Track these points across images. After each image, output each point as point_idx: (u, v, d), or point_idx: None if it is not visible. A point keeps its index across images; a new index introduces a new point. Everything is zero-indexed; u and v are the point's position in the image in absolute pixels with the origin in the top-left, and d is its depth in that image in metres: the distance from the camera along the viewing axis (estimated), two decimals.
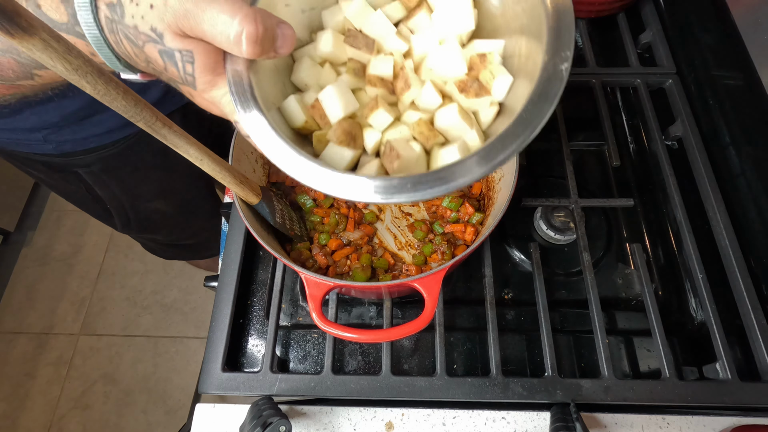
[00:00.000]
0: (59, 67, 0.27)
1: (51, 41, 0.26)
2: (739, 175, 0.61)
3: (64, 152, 0.72)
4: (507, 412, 0.53)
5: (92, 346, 1.61)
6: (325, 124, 0.44)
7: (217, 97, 0.37)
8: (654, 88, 0.71)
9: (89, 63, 0.28)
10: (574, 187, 0.62)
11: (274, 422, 0.45)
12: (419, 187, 0.34)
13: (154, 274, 1.72)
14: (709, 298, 0.54)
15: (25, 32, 0.24)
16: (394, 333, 0.43)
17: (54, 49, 0.26)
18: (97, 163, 0.76)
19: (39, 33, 0.25)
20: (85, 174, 0.78)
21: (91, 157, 0.75)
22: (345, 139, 0.42)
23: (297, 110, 0.44)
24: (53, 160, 0.74)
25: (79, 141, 0.72)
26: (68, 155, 0.73)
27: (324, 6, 0.49)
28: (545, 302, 0.54)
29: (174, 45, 0.33)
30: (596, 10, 0.74)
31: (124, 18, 0.33)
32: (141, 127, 0.35)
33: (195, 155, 0.41)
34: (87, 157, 0.75)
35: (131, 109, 0.33)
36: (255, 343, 0.60)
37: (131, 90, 0.32)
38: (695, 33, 0.70)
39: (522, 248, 0.64)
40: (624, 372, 0.57)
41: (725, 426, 0.52)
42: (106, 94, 0.31)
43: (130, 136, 0.76)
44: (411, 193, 0.34)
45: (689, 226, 0.58)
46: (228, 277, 0.58)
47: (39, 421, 1.50)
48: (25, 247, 1.78)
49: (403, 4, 0.49)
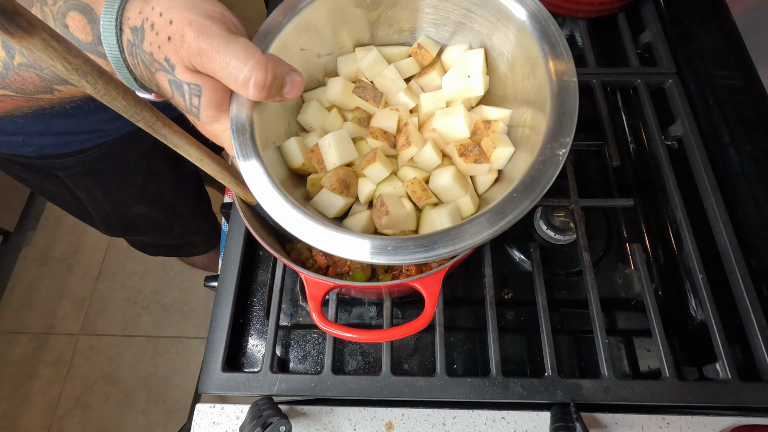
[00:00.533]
0: (59, 66, 0.27)
1: (51, 41, 0.26)
2: (739, 175, 0.61)
3: (44, 155, 0.72)
4: (507, 412, 0.53)
5: (92, 346, 1.61)
6: (322, 168, 0.45)
7: (218, 131, 0.39)
8: (654, 88, 0.71)
9: (89, 63, 0.29)
10: (574, 187, 0.62)
11: (274, 422, 0.45)
12: (399, 251, 0.35)
13: (154, 274, 1.72)
14: (709, 298, 0.54)
15: (26, 32, 0.24)
16: (394, 333, 0.43)
17: (54, 49, 0.26)
18: (77, 166, 0.76)
19: (39, 33, 0.25)
20: (65, 177, 0.78)
21: (72, 160, 0.74)
22: (338, 187, 0.43)
23: (296, 152, 0.45)
24: (33, 162, 0.73)
25: (59, 145, 0.71)
26: (48, 158, 0.73)
27: (341, 52, 0.50)
28: (545, 302, 0.54)
29: (184, 78, 0.34)
30: (596, 10, 0.74)
31: (143, 44, 0.34)
32: (141, 126, 0.35)
33: (195, 155, 0.41)
34: (67, 160, 0.74)
35: (131, 108, 0.33)
36: (255, 343, 0.60)
37: (131, 90, 0.33)
38: (695, 33, 0.70)
39: (522, 248, 0.64)
40: (624, 372, 0.57)
41: (725, 426, 0.52)
42: (106, 94, 0.31)
43: (112, 141, 0.75)
44: (391, 256, 0.35)
45: (689, 226, 0.58)
46: (228, 277, 0.58)
47: (39, 421, 1.50)
48: (25, 247, 1.78)
49: (417, 61, 0.50)
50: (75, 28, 0.36)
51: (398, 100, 0.48)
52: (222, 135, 0.39)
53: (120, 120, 0.70)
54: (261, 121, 0.40)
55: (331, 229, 0.36)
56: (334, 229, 0.36)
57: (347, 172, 0.44)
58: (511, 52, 0.44)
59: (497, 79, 0.47)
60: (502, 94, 0.47)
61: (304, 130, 0.49)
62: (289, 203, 0.37)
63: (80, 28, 0.36)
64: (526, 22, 0.41)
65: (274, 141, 0.44)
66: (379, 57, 0.48)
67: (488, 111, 0.46)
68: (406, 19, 0.49)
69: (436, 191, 0.43)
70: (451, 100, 0.47)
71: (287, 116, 0.47)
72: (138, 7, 0.34)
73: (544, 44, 0.40)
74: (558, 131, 0.37)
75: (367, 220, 0.43)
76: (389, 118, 0.46)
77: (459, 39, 0.49)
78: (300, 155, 0.44)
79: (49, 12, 0.36)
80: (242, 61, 0.31)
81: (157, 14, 0.33)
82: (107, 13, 0.34)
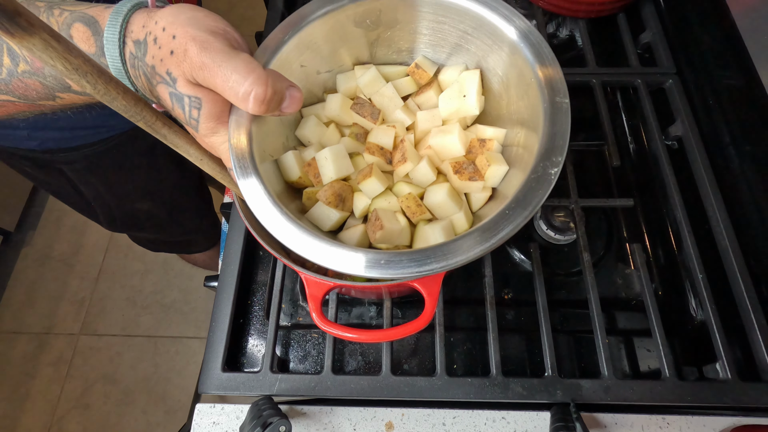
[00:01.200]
0: (59, 66, 0.27)
1: (51, 41, 0.26)
2: (739, 175, 0.61)
3: (48, 149, 0.72)
4: (507, 412, 0.53)
5: (92, 346, 1.61)
6: (318, 182, 0.45)
7: (216, 144, 0.39)
8: (654, 88, 0.71)
9: (89, 62, 0.29)
10: (574, 187, 0.62)
11: (274, 422, 0.45)
12: (391, 265, 0.36)
13: (154, 274, 1.72)
14: (709, 298, 0.54)
15: (26, 32, 0.24)
16: (394, 333, 0.43)
17: (54, 49, 0.26)
18: (81, 160, 0.76)
19: (39, 33, 0.25)
20: (68, 171, 0.78)
21: (76, 155, 0.75)
22: (334, 201, 0.43)
23: (293, 166, 0.45)
24: (37, 156, 0.74)
25: (64, 139, 0.72)
26: (52, 152, 0.73)
27: (340, 69, 0.51)
28: (545, 302, 0.54)
29: (185, 91, 0.35)
30: (596, 10, 0.74)
31: (145, 57, 0.35)
32: (141, 126, 0.35)
33: (195, 155, 0.41)
34: (71, 155, 0.75)
35: (131, 108, 0.33)
36: (255, 343, 0.60)
37: (131, 89, 0.33)
38: (695, 33, 0.70)
39: (522, 248, 0.64)
40: (624, 372, 0.57)
41: (725, 426, 0.52)
42: (107, 94, 0.31)
43: (116, 136, 0.76)
44: (383, 270, 0.36)
45: (689, 226, 0.58)
46: (228, 277, 0.58)
47: (39, 421, 1.50)
48: (25, 247, 1.78)
49: (415, 80, 0.51)
50: (79, 39, 0.36)
51: (395, 118, 0.49)
52: (219, 147, 0.39)
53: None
54: (259, 134, 0.41)
55: (325, 243, 0.37)
56: (328, 243, 0.37)
57: (343, 186, 0.45)
58: (505, 74, 0.46)
59: (492, 98, 0.48)
60: (497, 114, 0.48)
61: (302, 145, 0.50)
62: (285, 216, 0.38)
63: (84, 39, 0.36)
64: (519, 44, 0.43)
65: (271, 154, 0.44)
66: (377, 75, 0.49)
67: (483, 130, 0.47)
68: (405, 40, 0.51)
69: (430, 207, 0.44)
70: (447, 118, 0.48)
71: (285, 130, 0.48)
72: (141, 21, 0.35)
73: (537, 66, 0.41)
74: (551, 151, 0.38)
75: (362, 234, 0.43)
76: (386, 134, 0.47)
77: (455, 60, 0.50)
78: (297, 169, 0.45)
79: (55, 22, 0.37)
80: (243, 76, 0.32)
81: (160, 29, 0.34)
82: (111, 26, 0.35)
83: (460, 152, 0.45)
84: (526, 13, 0.80)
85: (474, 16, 0.45)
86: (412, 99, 0.51)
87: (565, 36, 0.82)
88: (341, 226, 0.46)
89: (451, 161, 0.45)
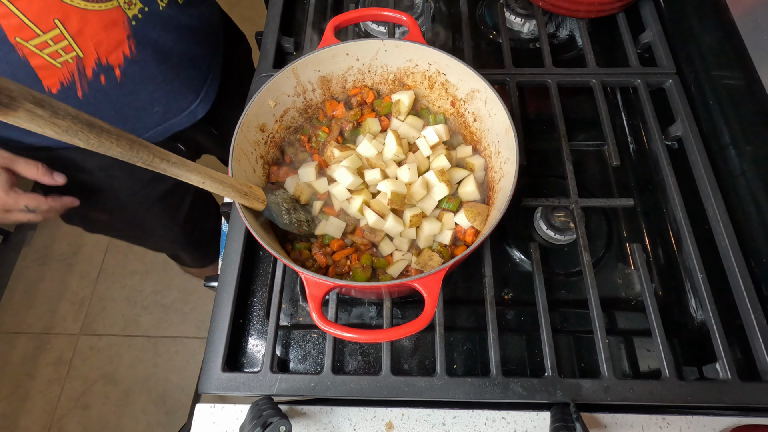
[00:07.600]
0: (49, 132, 0.27)
1: (36, 110, 0.25)
2: (739, 175, 0.61)
3: (46, 146, 0.71)
4: (507, 412, 0.53)
5: (92, 346, 1.61)
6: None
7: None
8: (654, 88, 0.71)
9: (77, 120, 0.29)
10: (574, 187, 0.62)
11: (274, 422, 0.45)
12: None
13: (154, 274, 1.72)
14: (709, 298, 0.54)
15: (8, 108, 0.24)
16: (394, 333, 0.43)
17: (40, 117, 0.26)
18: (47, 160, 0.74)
19: (23, 104, 0.25)
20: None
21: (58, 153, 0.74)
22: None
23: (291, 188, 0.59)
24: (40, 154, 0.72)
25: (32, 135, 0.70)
26: (50, 149, 0.72)
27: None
28: (545, 302, 0.54)
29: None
30: (596, 10, 0.74)
31: None
32: (139, 165, 0.36)
33: (197, 180, 0.43)
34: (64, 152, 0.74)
35: (127, 153, 0.34)
36: (255, 343, 0.60)
37: (124, 134, 0.33)
38: (695, 33, 0.70)
39: (522, 248, 0.64)
40: (624, 372, 0.57)
41: (725, 426, 0.52)
42: (100, 146, 0.31)
43: (71, 147, 0.74)
44: None
45: (689, 226, 0.58)
46: (228, 277, 0.58)
47: (39, 421, 1.50)
48: (25, 247, 1.78)
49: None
50: None
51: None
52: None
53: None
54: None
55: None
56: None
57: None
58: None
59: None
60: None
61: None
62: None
63: None
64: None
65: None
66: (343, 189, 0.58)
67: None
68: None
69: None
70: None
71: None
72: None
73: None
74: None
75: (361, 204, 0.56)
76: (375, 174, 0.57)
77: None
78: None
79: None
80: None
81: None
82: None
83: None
84: (526, 14, 0.80)
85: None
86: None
87: (565, 36, 0.82)
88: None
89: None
